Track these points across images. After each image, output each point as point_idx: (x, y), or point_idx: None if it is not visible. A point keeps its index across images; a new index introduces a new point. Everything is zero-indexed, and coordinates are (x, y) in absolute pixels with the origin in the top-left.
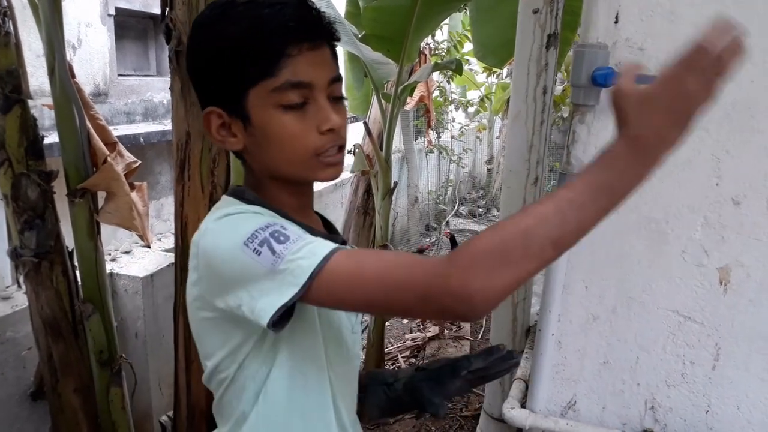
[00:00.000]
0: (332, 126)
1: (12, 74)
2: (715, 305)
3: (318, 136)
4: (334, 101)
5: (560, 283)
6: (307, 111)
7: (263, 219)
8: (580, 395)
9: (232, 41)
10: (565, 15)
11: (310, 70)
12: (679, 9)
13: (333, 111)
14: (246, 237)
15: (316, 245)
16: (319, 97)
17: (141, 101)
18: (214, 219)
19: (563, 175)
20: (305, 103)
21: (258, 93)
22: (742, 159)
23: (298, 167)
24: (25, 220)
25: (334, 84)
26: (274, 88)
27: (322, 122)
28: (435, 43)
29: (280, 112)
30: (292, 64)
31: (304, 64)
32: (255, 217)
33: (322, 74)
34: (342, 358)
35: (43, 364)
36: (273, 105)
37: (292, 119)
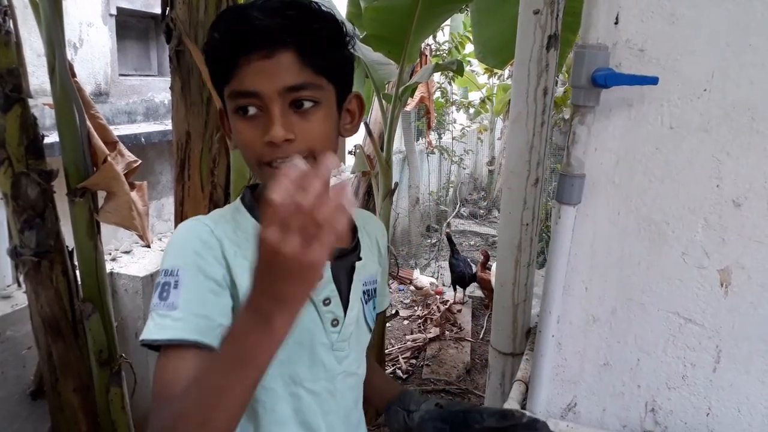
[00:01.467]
0: (271, 138)
1: (12, 73)
2: (715, 307)
3: (263, 146)
4: (298, 109)
5: (560, 284)
6: (258, 119)
7: (177, 261)
8: (580, 397)
9: (207, 48)
10: (566, 16)
11: (255, 80)
12: (680, 10)
13: (281, 122)
14: (162, 267)
15: (163, 323)
16: (271, 105)
17: (142, 101)
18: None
19: (563, 176)
20: (258, 111)
21: (225, 98)
22: (742, 160)
23: (256, 173)
24: (25, 220)
25: (293, 92)
26: (228, 95)
27: (265, 134)
28: (436, 44)
29: (237, 118)
30: (240, 73)
31: (250, 73)
32: (181, 251)
33: (270, 83)
34: (317, 376)
35: (43, 363)
36: (231, 111)
37: (243, 126)
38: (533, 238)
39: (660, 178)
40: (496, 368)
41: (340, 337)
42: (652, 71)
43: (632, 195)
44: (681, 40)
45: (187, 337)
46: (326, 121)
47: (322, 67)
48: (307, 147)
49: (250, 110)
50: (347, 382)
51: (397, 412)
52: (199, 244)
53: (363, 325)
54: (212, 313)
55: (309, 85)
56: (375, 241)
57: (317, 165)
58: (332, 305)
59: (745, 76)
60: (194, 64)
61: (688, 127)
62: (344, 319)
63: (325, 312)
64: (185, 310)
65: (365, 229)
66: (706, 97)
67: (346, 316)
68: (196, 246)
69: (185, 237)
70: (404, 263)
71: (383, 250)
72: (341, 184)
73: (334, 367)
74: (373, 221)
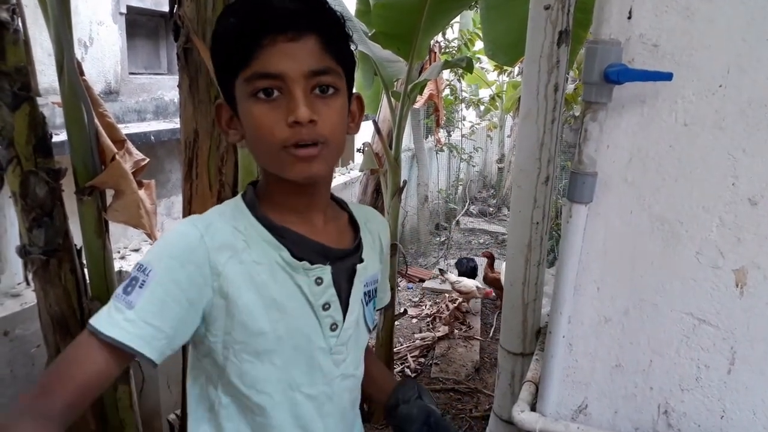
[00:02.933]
0: (297, 118)
1: (21, 72)
2: (730, 308)
3: (285, 128)
4: (320, 94)
5: (571, 284)
6: (279, 102)
7: (154, 261)
8: (591, 399)
9: (221, 33)
10: (577, 12)
11: (282, 61)
12: (695, 4)
13: (305, 103)
14: (140, 260)
15: (115, 318)
16: (294, 88)
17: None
18: (182, 219)
19: (575, 174)
20: (279, 94)
21: (239, 84)
22: (758, 158)
23: (270, 161)
24: (33, 218)
25: (316, 76)
26: (246, 78)
27: (289, 113)
28: (446, 41)
29: (252, 102)
30: (263, 54)
31: (276, 54)
32: (161, 252)
33: (296, 65)
34: (315, 381)
35: (52, 361)
36: (247, 95)
37: (262, 110)
38: (543, 237)
39: (674, 176)
40: (505, 368)
41: (339, 341)
42: (666, 67)
43: (645, 193)
44: (696, 34)
45: (126, 342)
46: (343, 110)
47: (341, 55)
48: (327, 132)
49: (273, 93)
50: (345, 384)
51: (396, 402)
52: (182, 252)
53: (362, 326)
54: (163, 325)
55: (331, 70)
56: (377, 238)
57: None
58: (331, 310)
59: (762, 72)
60: (202, 62)
61: (702, 124)
62: (343, 323)
63: (324, 317)
64: (139, 313)
65: (367, 226)
66: (722, 93)
67: (345, 320)
68: (179, 253)
69: (172, 240)
70: (413, 261)
71: (385, 248)
72: None
73: (332, 371)
74: (375, 217)
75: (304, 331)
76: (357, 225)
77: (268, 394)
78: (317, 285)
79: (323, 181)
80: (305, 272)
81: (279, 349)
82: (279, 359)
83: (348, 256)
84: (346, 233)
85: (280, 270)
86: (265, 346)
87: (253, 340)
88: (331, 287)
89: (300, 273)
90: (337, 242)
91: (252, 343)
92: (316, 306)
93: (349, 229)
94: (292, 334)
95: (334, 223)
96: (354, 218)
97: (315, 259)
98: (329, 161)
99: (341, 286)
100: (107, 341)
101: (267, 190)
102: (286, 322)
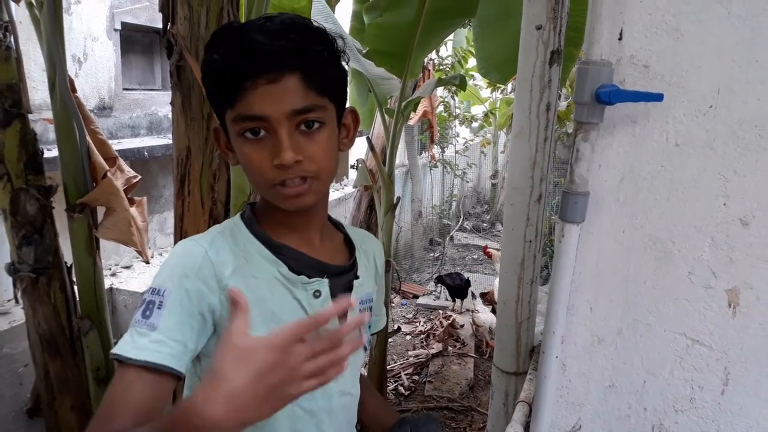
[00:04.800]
0: (281, 161)
1: (12, 89)
2: (723, 328)
3: (272, 169)
4: (306, 130)
5: (564, 304)
6: (265, 142)
7: (166, 282)
8: (585, 420)
9: (206, 70)
10: (569, 31)
11: (263, 103)
12: (685, 26)
13: (290, 144)
14: (151, 285)
15: (141, 342)
16: (278, 128)
17: (146, 115)
18: (182, 240)
19: (566, 193)
20: (265, 133)
21: (228, 120)
22: (749, 178)
23: (264, 193)
24: (23, 235)
25: (300, 115)
26: (232, 118)
27: (274, 156)
28: (439, 59)
29: (241, 141)
30: (246, 97)
31: (257, 97)
32: (171, 272)
33: (278, 107)
34: (314, 395)
35: (40, 380)
36: (235, 134)
37: (251, 149)
38: (536, 255)
39: (665, 195)
40: (499, 388)
41: None
42: (656, 87)
43: (637, 213)
44: (686, 55)
45: (160, 362)
46: (330, 139)
47: (325, 87)
48: (315, 168)
49: (259, 132)
50: (342, 401)
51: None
52: (189, 268)
53: None
54: (187, 340)
55: (314, 107)
56: (373, 260)
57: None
58: (330, 323)
59: (752, 93)
60: (195, 80)
61: (693, 144)
62: None
63: (322, 330)
64: (164, 332)
65: (362, 248)
66: (712, 114)
67: None
68: (187, 269)
69: (178, 259)
70: (407, 277)
71: (380, 270)
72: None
73: (331, 386)
74: (371, 241)
75: None
76: (352, 245)
77: None
78: (315, 298)
79: (319, 203)
80: (303, 286)
81: None
82: None
83: (344, 272)
84: (342, 252)
85: (278, 284)
86: None
87: None
88: (329, 300)
89: (298, 287)
90: (333, 259)
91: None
92: None
93: (345, 249)
94: None
95: (330, 242)
96: (349, 239)
97: (312, 274)
98: (321, 190)
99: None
100: (141, 365)
101: (265, 209)
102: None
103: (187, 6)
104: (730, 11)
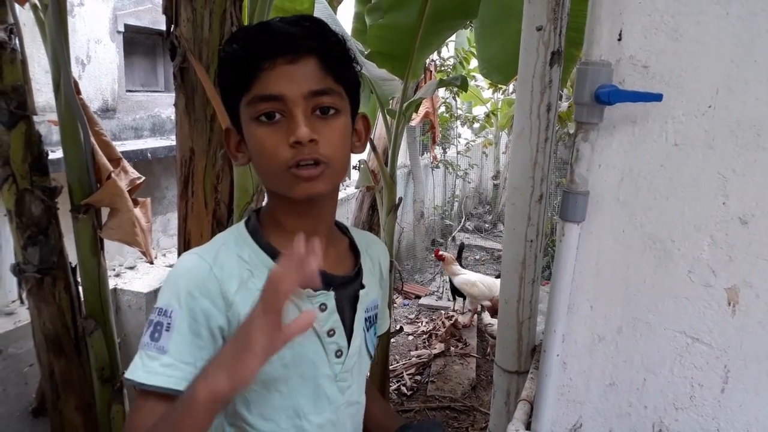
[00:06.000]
0: (297, 138)
1: (17, 90)
2: (723, 327)
3: (287, 149)
4: (321, 115)
5: (565, 302)
6: (281, 125)
7: (172, 302)
8: (585, 418)
9: (225, 59)
10: (570, 32)
11: (280, 83)
12: (684, 26)
13: (306, 123)
14: (157, 304)
15: (152, 366)
16: (294, 109)
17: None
18: (186, 253)
19: (567, 193)
20: (281, 116)
21: (242, 108)
22: (748, 177)
23: (275, 182)
24: (28, 236)
25: (317, 97)
26: (248, 101)
27: (290, 135)
28: (441, 60)
29: (255, 125)
30: (263, 77)
31: (275, 76)
32: (176, 291)
33: (295, 87)
34: (321, 408)
35: (45, 380)
36: (250, 118)
37: (265, 132)
38: (538, 255)
39: (665, 195)
40: (500, 387)
41: (344, 368)
42: (656, 87)
43: (637, 212)
44: (685, 56)
45: (173, 386)
46: (345, 131)
47: (341, 76)
48: (329, 152)
49: (274, 116)
50: (348, 411)
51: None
52: (194, 287)
53: (365, 353)
54: (196, 360)
55: (331, 91)
56: (377, 264)
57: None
58: (336, 336)
59: (750, 93)
60: (198, 81)
61: (693, 144)
62: (348, 349)
63: (329, 343)
64: (174, 355)
65: (368, 252)
66: (711, 114)
67: (350, 346)
68: (191, 288)
69: (183, 276)
70: (409, 278)
71: (385, 273)
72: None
73: (338, 399)
74: (376, 244)
75: (309, 357)
76: (357, 250)
77: (275, 422)
78: (321, 311)
79: (328, 203)
80: (309, 299)
81: (285, 377)
82: (285, 387)
83: (350, 282)
84: (347, 259)
85: None
86: (272, 374)
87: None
88: (335, 313)
89: (304, 300)
90: (337, 268)
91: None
92: (321, 333)
93: (350, 255)
94: (298, 362)
95: (334, 249)
96: (354, 244)
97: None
98: (333, 180)
99: (344, 313)
100: (156, 391)
101: (271, 213)
102: (292, 350)
103: (191, 8)
104: (728, 12)
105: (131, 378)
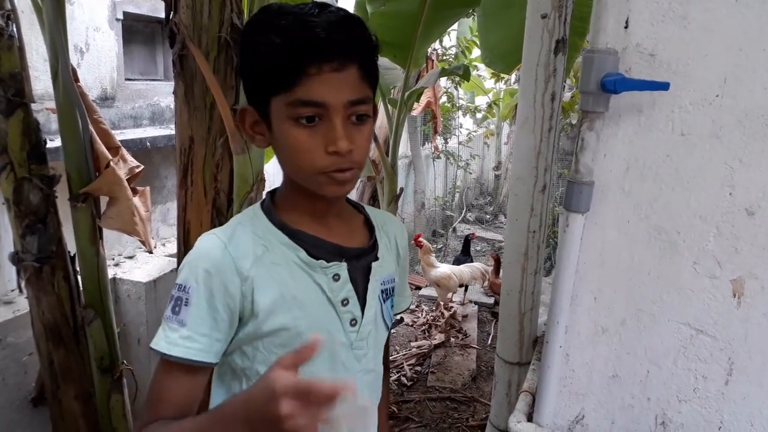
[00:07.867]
0: (337, 150)
1: (15, 78)
2: (728, 318)
3: (324, 156)
4: (356, 122)
5: (568, 294)
6: (318, 129)
7: (190, 279)
8: (588, 409)
9: (263, 51)
10: (574, 20)
11: (325, 91)
12: (692, 14)
13: (344, 134)
14: (177, 280)
15: (173, 337)
16: (334, 117)
17: (148, 105)
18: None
19: (571, 183)
20: (319, 120)
21: (277, 103)
22: (755, 168)
23: (305, 179)
24: (26, 225)
25: (355, 106)
26: (288, 102)
27: (330, 143)
28: (443, 49)
29: (291, 125)
30: (308, 82)
31: (320, 83)
32: (194, 268)
33: (338, 95)
34: (335, 374)
35: (44, 370)
36: (287, 117)
37: (302, 134)
38: (540, 246)
39: (671, 185)
40: (502, 378)
41: (359, 336)
42: (662, 76)
43: (642, 203)
44: (693, 44)
45: (191, 357)
46: (371, 134)
47: (373, 81)
48: (361, 159)
49: (314, 120)
50: (366, 379)
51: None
52: (210, 264)
53: (381, 323)
54: (214, 332)
55: (367, 99)
56: (394, 241)
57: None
58: (350, 305)
59: (758, 82)
60: (198, 69)
61: (699, 134)
62: (362, 318)
63: (343, 312)
64: (192, 328)
65: (384, 229)
66: (719, 103)
67: (364, 316)
68: (208, 265)
69: (200, 254)
70: (409, 268)
71: (402, 251)
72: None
73: (354, 366)
74: (392, 221)
75: (325, 326)
76: (372, 227)
77: None
78: (335, 281)
79: None
80: (323, 270)
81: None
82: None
83: (363, 254)
84: (361, 233)
85: (298, 269)
86: (290, 341)
87: (278, 335)
88: (348, 283)
89: (318, 272)
90: (351, 242)
91: (277, 338)
92: (335, 302)
93: (365, 230)
94: (313, 330)
95: (348, 225)
96: (369, 220)
97: (331, 258)
98: (357, 180)
99: (358, 283)
100: (175, 361)
101: (288, 196)
102: (308, 319)
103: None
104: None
105: (155, 348)
